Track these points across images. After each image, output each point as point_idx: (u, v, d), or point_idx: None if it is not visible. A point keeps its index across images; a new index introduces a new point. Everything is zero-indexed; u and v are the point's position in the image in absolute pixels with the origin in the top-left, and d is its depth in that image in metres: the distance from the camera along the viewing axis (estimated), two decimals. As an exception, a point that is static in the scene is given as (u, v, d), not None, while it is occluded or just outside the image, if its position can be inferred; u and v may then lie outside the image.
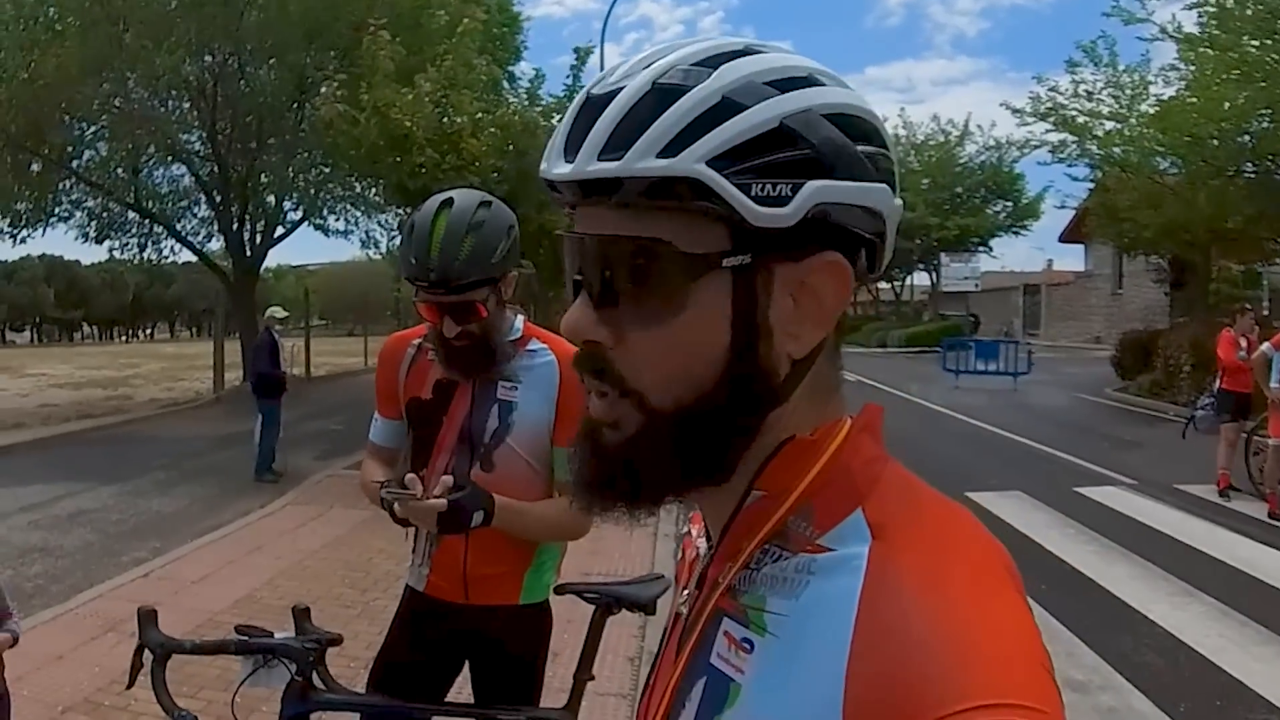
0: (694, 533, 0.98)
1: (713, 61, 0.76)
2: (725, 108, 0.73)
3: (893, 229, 0.81)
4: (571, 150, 0.77)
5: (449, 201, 2.41)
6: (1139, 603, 6.48)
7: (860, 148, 0.77)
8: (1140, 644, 5.75)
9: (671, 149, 0.72)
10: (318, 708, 2.46)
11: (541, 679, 2.74)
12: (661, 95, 0.74)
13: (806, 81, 0.77)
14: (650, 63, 0.77)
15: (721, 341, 0.76)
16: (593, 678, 2.73)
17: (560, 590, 2.75)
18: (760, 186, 0.72)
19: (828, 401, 0.83)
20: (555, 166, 0.78)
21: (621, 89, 0.76)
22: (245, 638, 2.38)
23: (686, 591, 0.91)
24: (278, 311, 12.62)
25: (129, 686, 2.38)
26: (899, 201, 0.81)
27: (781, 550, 0.77)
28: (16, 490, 10.89)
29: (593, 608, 2.72)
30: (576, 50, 14.38)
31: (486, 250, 2.37)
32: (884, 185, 0.78)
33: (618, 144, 0.74)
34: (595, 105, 0.77)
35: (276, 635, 2.40)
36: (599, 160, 0.74)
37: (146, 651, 2.36)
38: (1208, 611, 6.33)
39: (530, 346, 2.59)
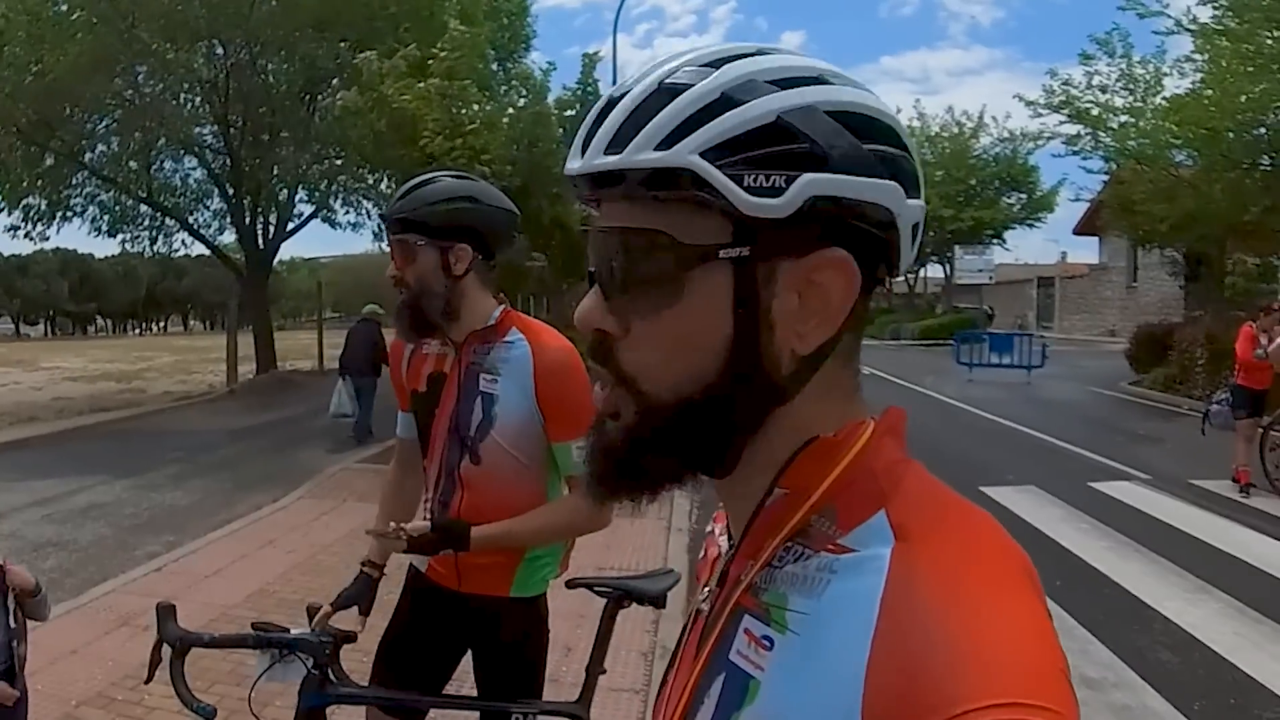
0: (716, 530, 1.00)
1: (718, 62, 0.78)
2: (722, 103, 0.75)
3: (908, 229, 0.80)
4: (585, 147, 0.80)
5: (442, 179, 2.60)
6: (1154, 599, 6.46)
7: (869, 146, 0.77)
8: (1155, 641, 5.72)
9: (667, 142, 0.75)
10: (336, 701, 2.50)
11: (540, 673, 2.74)
12: (665, 93, 0.77)
13: (813, 80, 0.78)
14: (662, 64, 0.80)
15: (723, 333, 0.77)
16: (604, 671, 2.76)
17: (571, 584, 2.79)
18: (754, 177, 0.74)
19: (847, 402, 0.84)
20: (573, 161, 0.81)
21: (631, 89, 0.79)
22: (263, 632, 2.40)
23: (708, 589, 0.91)
24: (378, 309, 14.13)
25: (147, 681, 2.41)
26: (917, 202, 0.81)
27: (804, 549, 0.77)
28: (31, 484, 10.96)
29: (604, 602, 2.75)
30: (585, 57, 14.42)
31: (428, 197, 2.49)
32: (893, 183, 0.77)
33: (621, 139, 0.77)
34: (609, 105, 0.80)
35: (292, 631, 2.42)
36: (604, 155, 0.78)
37: (165, 646, 2.37)
38: (1223, 608, 6.30)
39: (508, 337, 2.59)
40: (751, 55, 0.79)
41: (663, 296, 0.78)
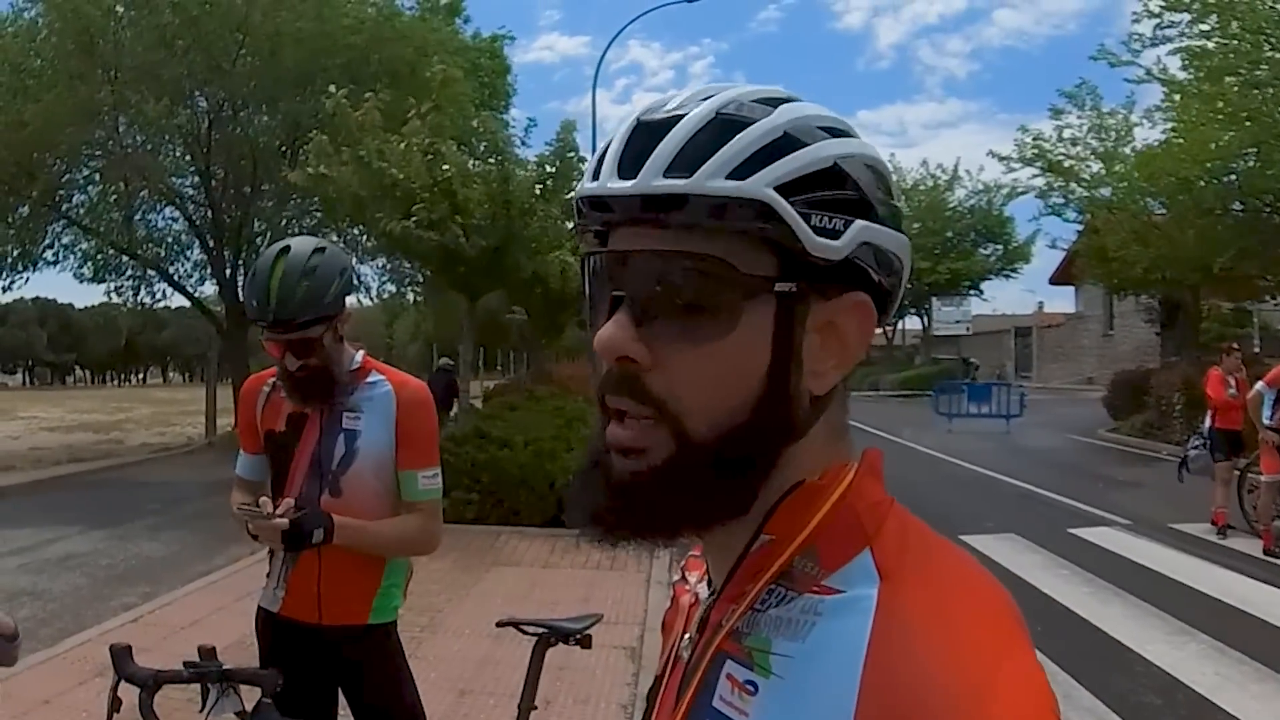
0: (691, 579, 0.97)
1: (771, 101, 0.80)
2: (788, 141, 0.76)
3: (905, 280, 0.84)
4: (629, 169, 0.77)
5: (286, 249, 2.67)
6: (1135, 642, 6.46)
7: (890, 200, 0.81)
8: (1137, 684, 5.71)
9: (740, 172, 0.74)
10: None
11: (419, 699, 2.88)
12: (726, 124, 0.76)
13: (849, 133, 0.81)
14: (707, 96, 0.79)
15: (760, 367, 0.77)
16: (536, 707, 2.90)
17: (501, 624, 2.99)
18: (818, 218, 0.75)
19: (837, 443, 0.84)
20: (610, 182, 0.78)
21: (683, 115, 0.78)
22: (217, 666, 2.41)
23: (687, 636, 0.88)
24: (447, 361, 17.34)
25: None
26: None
27: (787, 591, 0.76)
28: (6, 533, 10.84)
29: (534, 643, 2.92)
30: (563, 125, 14.74)
31: (319, 292, 2.62)
32: (905, 237, 0.82)
33: (685, 164, 0.75)
34: (652, 129, 0.78)
35: (224, 665, 2.45)
36: (665, 177, 0.75)
37: (125, 687, 2.36)
38: (1204, 650, 6.31)
39: (370, 379, 2.82)
40: (794, 99, 0.81)
41: (715, 326, 0.76)
